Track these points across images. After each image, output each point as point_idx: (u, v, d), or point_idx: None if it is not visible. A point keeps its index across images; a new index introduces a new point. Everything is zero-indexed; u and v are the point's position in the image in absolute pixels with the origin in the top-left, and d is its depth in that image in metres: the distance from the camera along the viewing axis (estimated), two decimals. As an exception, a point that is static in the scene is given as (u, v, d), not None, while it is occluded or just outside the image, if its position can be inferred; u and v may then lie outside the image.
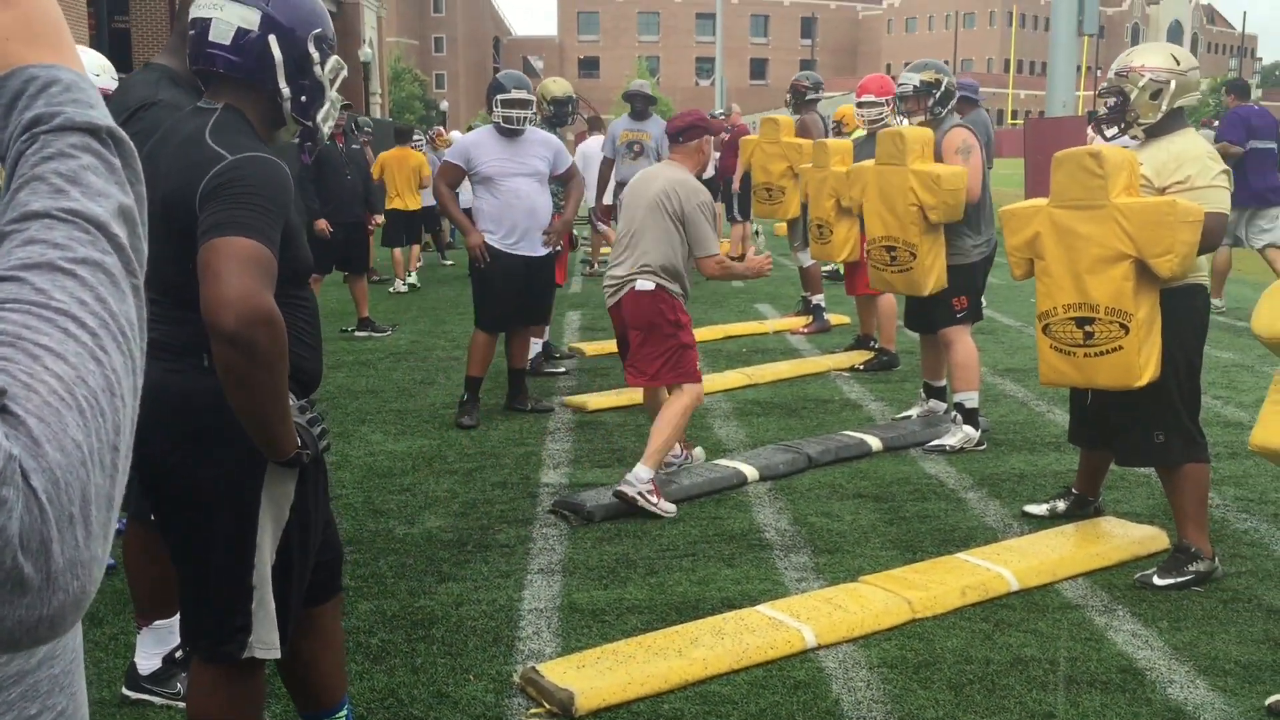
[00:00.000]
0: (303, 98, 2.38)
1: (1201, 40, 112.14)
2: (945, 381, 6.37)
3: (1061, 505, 4.84)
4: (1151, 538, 4.48)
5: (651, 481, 4.88)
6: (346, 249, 9.40)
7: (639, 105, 9.61)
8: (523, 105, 6.37)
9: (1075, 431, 4.68)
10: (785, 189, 8.99)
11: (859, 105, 7.31)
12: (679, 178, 5.11)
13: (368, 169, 9.83)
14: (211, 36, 2.31)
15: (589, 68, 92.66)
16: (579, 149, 12.59)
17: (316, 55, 2.38)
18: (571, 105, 8.19)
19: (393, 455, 5.95)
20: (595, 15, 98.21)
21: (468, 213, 6.59)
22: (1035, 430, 6.32)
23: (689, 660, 3.43)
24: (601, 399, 6.98)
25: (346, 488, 5.37)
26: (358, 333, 9.66)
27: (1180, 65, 4.19)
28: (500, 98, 6.37)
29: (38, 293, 0.78)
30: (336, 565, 2.68)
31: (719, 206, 15.16)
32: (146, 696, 3.36)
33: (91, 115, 0.86)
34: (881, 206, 5.85)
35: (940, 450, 5.86)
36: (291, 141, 2.51)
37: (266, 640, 2.34)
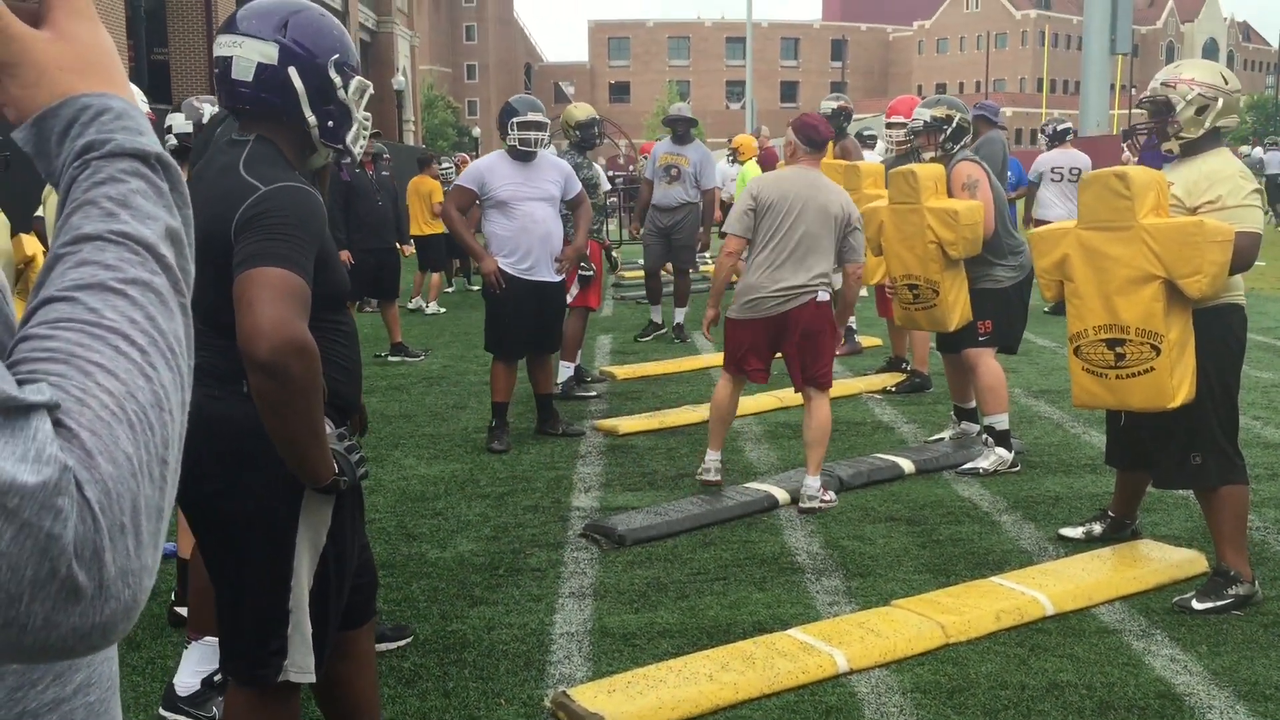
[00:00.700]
0: (330, 123, 2.42)
1: (1237, 58, 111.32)
2: (974, 403, 6.33)
3: (1098, 528, 4.78)
4: (1190, 561, 4.42)
5: (821, 486, 5.32)
6: (379, 276, 9.47)
7: (681, 129, 9.73)
8: (537, 128, 6.36)
9: (1112, 453, 4.64)
10: None
11: (888, 126, 7.32)
12: (840, 187, 5.45)
13: (398, 195, 9.91)
14: (234, 74, 2.36)
15: (620, 93, 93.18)
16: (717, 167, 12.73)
17: (339, 80, 2.41)
18: (597, 128, 8.23)
19: (425, 479, 5.98)
20: (626, 40, 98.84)
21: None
22: (1071, 452, 6.26)
23: (720, 685, 3.41)
24: (633, 423, 6.98)
25: (380, 511, 5.39)
26: (391, 358, 9.72)
27: (1228, 85, 4.17)
28: (515, 120, 6.36)
29: (90, 312, 0.81)
30: (371, 590, 2.70)
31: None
32: (182, 719, 3.39)
33: (141, 142, 0.89)
34: (900, 246, 5.85)
35: (974, 473, 5.82)
36: (327, 162, 2.55)
37: (302, 665, 2.35)
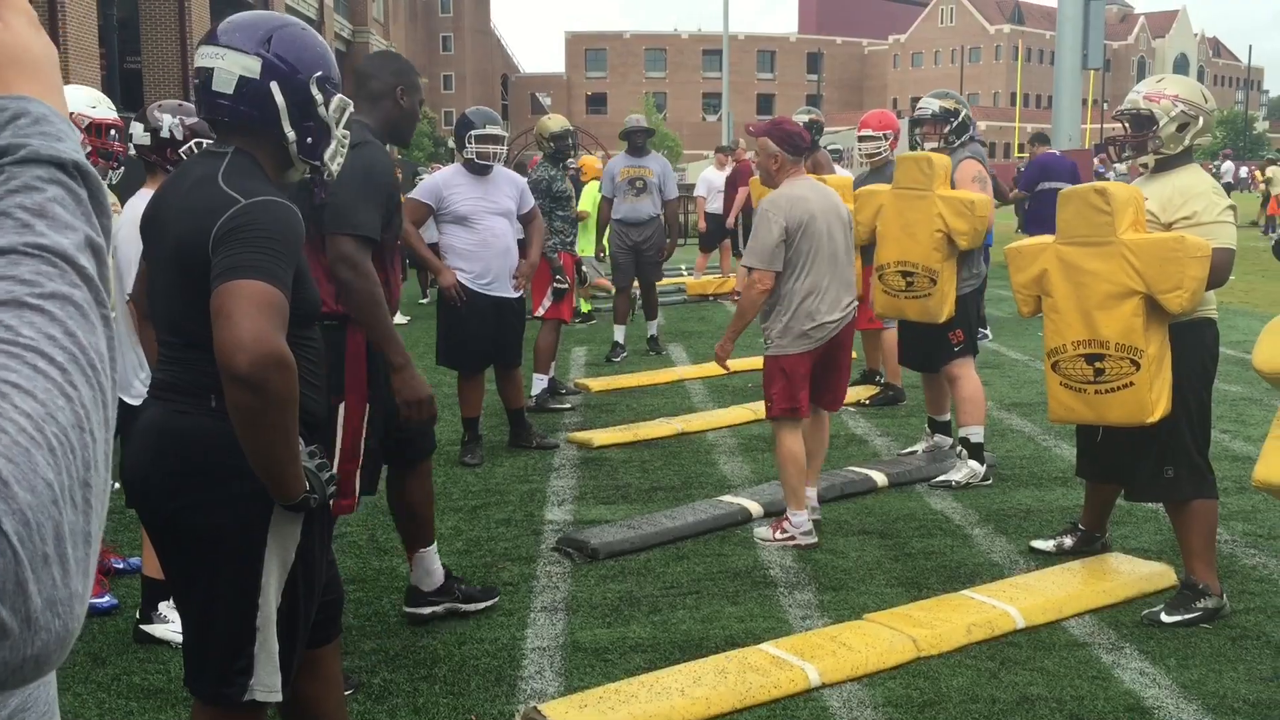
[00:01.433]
0: (309, 139, 2.41)
1: (1208, 73, 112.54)
2: (950, 416, 6.35)
3: (1068, 541, 4.81)
4: (1159, 574, 4.45)
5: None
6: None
7: (639, 140, 9.59)
8: (495, 141, 6.25)
9: (1082, 466, 4.66)
10: None
11: (860, 139, 7.33)
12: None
13: None
14: (215, 86, 2.34)
15: (597, 104, 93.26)
16: (701, 174, 12.64)
17: (320, 97, 2.41)
18: (571, 138, 8.22)
19: (397, 492, 5.93)
20: (603, 52, 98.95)
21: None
22: (1042, 465, 6.29)
23: (691, 700, 3.40)
24: (607, 435, 6.97)
25: (350, 525, 5.36)
26: None
27: (1208, 104, 4.21)
28: (473, 134, 6.23)
29: (5, 329, 0.77)
30: (337, 607, 2.68)
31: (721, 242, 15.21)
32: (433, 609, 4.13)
33: (58, 149, 0.85)
34: (901, 232, 5.81)
35: (946, 486, 5.84)
36: (304, 179, 2.54)
37: (268, 683, 2.33)
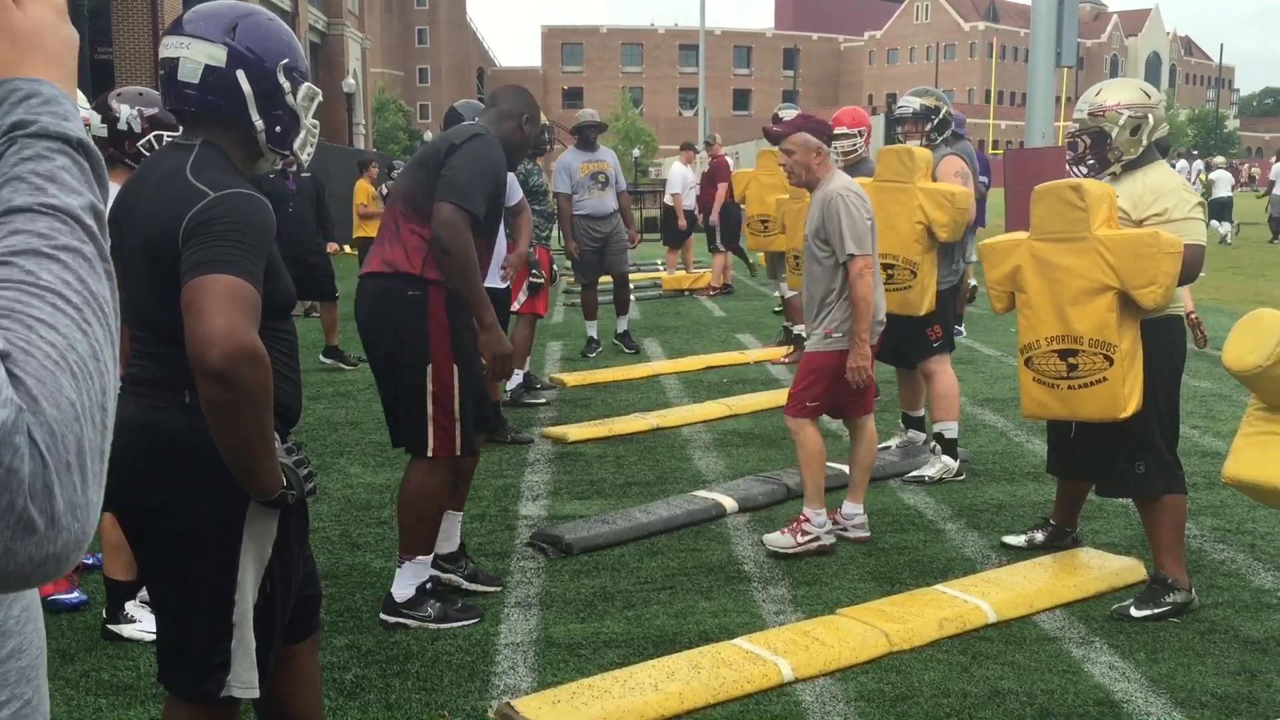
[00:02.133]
0: (277, 128, 2.39)
1: (1180, 72, 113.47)
2: (924, 412, 6.38)
3: (1039, 536, 4.84)
4: (1129, 569, 4.48)
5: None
6: (308, 280, 9.18)
7: (593, 135, 9.50)
8: None
9: (1054, 463, 4.69)
10: (779, 220, 9.03)
11: (834, 137, 7.34)
12: None
13: (322, 197, 9.66)
14: (180, 76, 2.31)
15: (573, 98, 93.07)
16: (674, 171, 12.54)
17: (287, 85, 2.38)
18: (548, 134, 8.19)
19: (371, 488, 5.92)
20: (579, 46, 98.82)
21: None
22: (1014, 460, 6.33)
23: (665, 695, 3.40)
24: (581, 430, 6.96)
25: (324, 521, 5.33)
26: (323, 358, 9.60)
27: (1152, 99, 4.23)
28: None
29: (27, 274, 0.88)
30: (315, 602, 2.66)
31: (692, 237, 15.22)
32: (402, 619, 4.04)
33: (65, 126, 0.96)
34: (881, 224, 5.80)
35: (919, 481, 5.87)
36: (273, 171, 2.52)
37: (245, 680, 2.31)
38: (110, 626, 3.94)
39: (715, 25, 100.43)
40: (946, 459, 5.93)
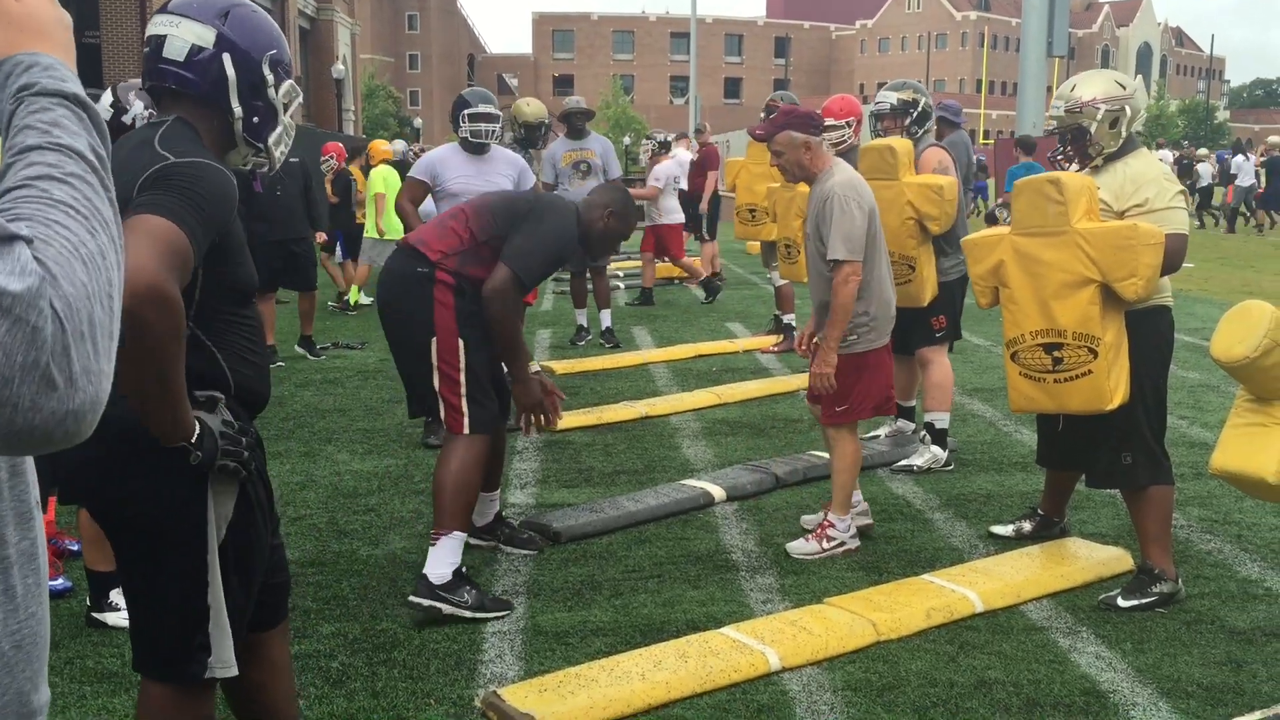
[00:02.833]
0: (255, 118, 2.37)
1: (1171, 63, 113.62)
2: (914, 402, 6.38)
3: (1027, 526, 4.84)
4: (1116, 559, 4.49)
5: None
6: (289, 266, 9.17)
7: (579, 122, 9.44)
8: (488, 120, 6.34)
9: (1043, 454, 4.69)
10: (767, 209, 8.99)
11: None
12: None
13: (309, 183, 9.58)
14: (165, 53, 2.30)
15: (563, 85, 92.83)
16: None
17: (271, 78, 2.37)
18: (543, 129, 8.17)
19: (358, 475, 5.90)
20: (570, 33, 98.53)
21: None
22: (1003, 450, 6.34)
23: (651, 684, 3.40)
24: (570, 418, 6.94)
25: (311, 508, 5.32)
26: (297, 348, 9.51)
27: (1128, 90, 4.22)
28: (467, 113, 6.33)
29: (43, 192, 1.07)
30: (284, 590, 2.64)
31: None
32: (438, 604, 3.94)
33: (64, 85, 1.15)
34: None
35: (907, 470, 5.87)
36: (243, 167, 2.49)
37: (225, 659, 2.32)
38: (95, 615, 3.92)
39: (707, 13, 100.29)
40: (935, 449, 5.93)
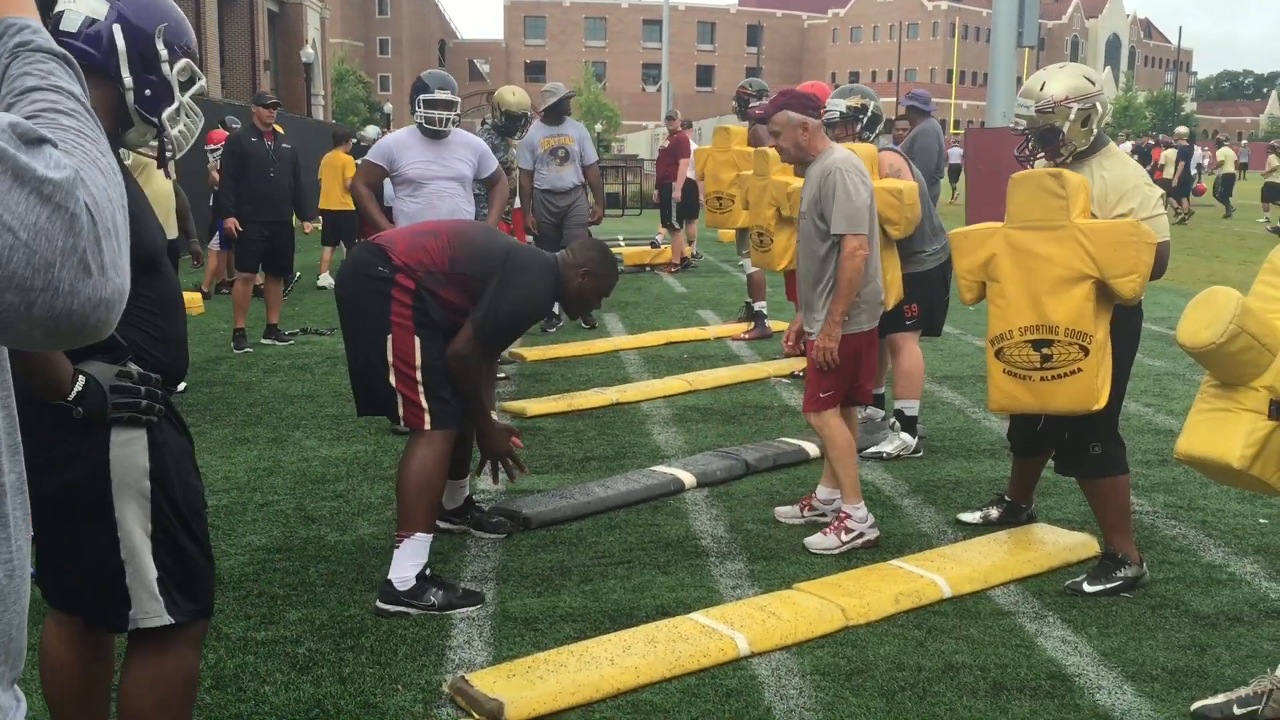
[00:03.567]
0: (147, 91, 2.37)
1: (1139, 54, 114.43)
2: (884, 389, 6.41)
3: (994, 513, 4.87)
4: (1082, 544, 4.52)
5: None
6: (271, 249, 9.12)
7: (559, 108, 9.41)
8: (447, 106, 6.24)
9: (1018, 444, 4.68)
10: (735, 197, 8.98)
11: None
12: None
13: (298, 169, 9.52)
14: (62, 26, 2.33)
15: (535, 72, 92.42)
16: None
17: (165, 53, 2.38)
18: (524, 120, 8.12)
19: (327, 461, 5.86)
20: (542, 20, 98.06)
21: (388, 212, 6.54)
22: (971, 437, 6.37)
23: (620, 669, 3.40)
24: (541, 405, 6.93)
25: (278, 494, 5.28)
26: (263, 340, 9.39)
27: (1096, 85, 4.18)
28: (423, 98, 6.22)
29: (51, 120, 1.19)
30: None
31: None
32: (404, 609, 3.91)
33: (53, 46, 1.28)
34: None
35: (877, 457, 5.89)
36: (147, 149, 2.48)
37: (150, 610, 2.34)
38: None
39: (679, 1, 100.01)
40: (905, 436, 5.95)
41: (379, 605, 3.94)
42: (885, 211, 5.56)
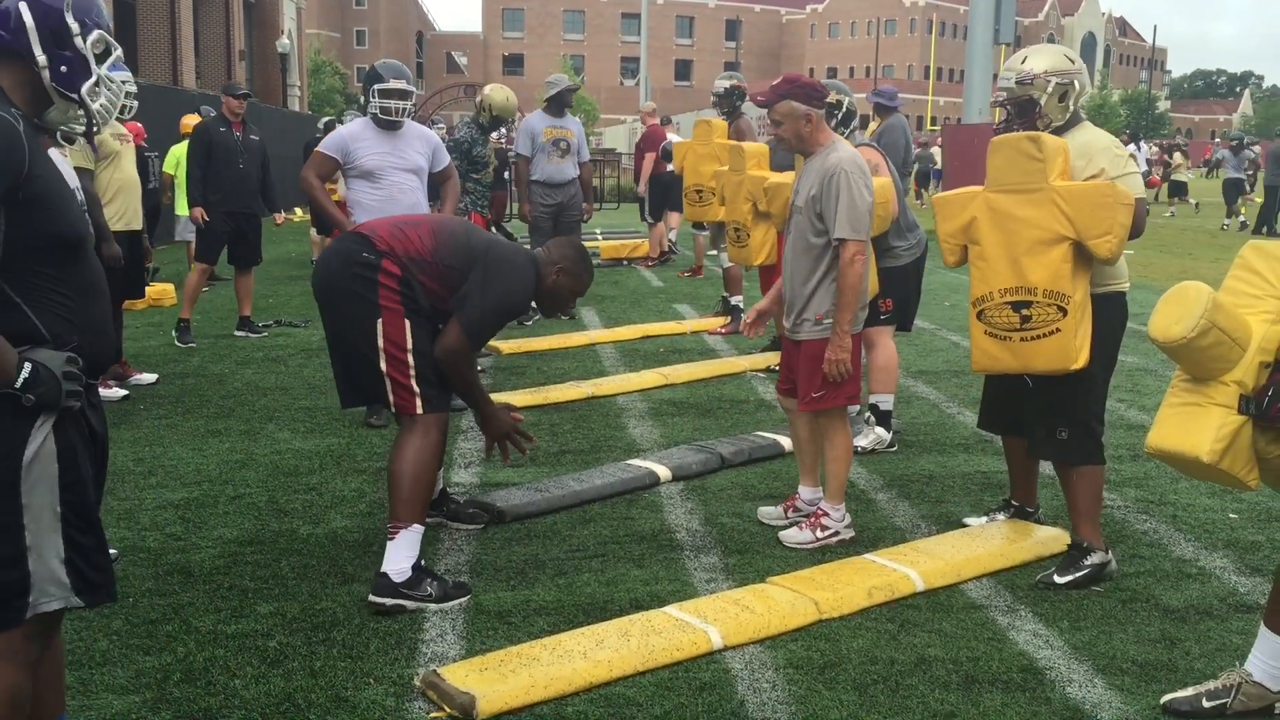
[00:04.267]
0: (63, 68, 2.35)
1: (1114, 52, 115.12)
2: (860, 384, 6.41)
3: (1001, 518, 4.83)
4: (1054, 539, 4.54)
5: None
6: (237, 240, 9.03)
7: (565, 99, 9.42)
8: (402, 96, 6.15)
9: (985, 419, 4.70)
10: (715, 190, 8.97)
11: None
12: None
13: (267, 160, 9.43)
14: None
15: (513, 65, 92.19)
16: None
17: (76, 27, 2.36)
18: (510, 123, 8.08)
19: (299, 453, 5.83)
20: (520, 12, 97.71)
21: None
22: (945, 432, 6.39)
23: (594, 662, 3.39)
24: (516, 398, 6.91)
25: (250, 486, 5.24)
26: (236, 332, 9.34)
27: (1075, 65, 4.25)
28: (378, 88, 6.12)
29: None
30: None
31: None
32: (400, 601, 3.86)
33: None
34: None
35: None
36: (73, 128, 2.45)
37: (54, 592, 2.30)
38: None
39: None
40: (880, 430, 5.97)
41: (372, 599, 3.88)
42: None
